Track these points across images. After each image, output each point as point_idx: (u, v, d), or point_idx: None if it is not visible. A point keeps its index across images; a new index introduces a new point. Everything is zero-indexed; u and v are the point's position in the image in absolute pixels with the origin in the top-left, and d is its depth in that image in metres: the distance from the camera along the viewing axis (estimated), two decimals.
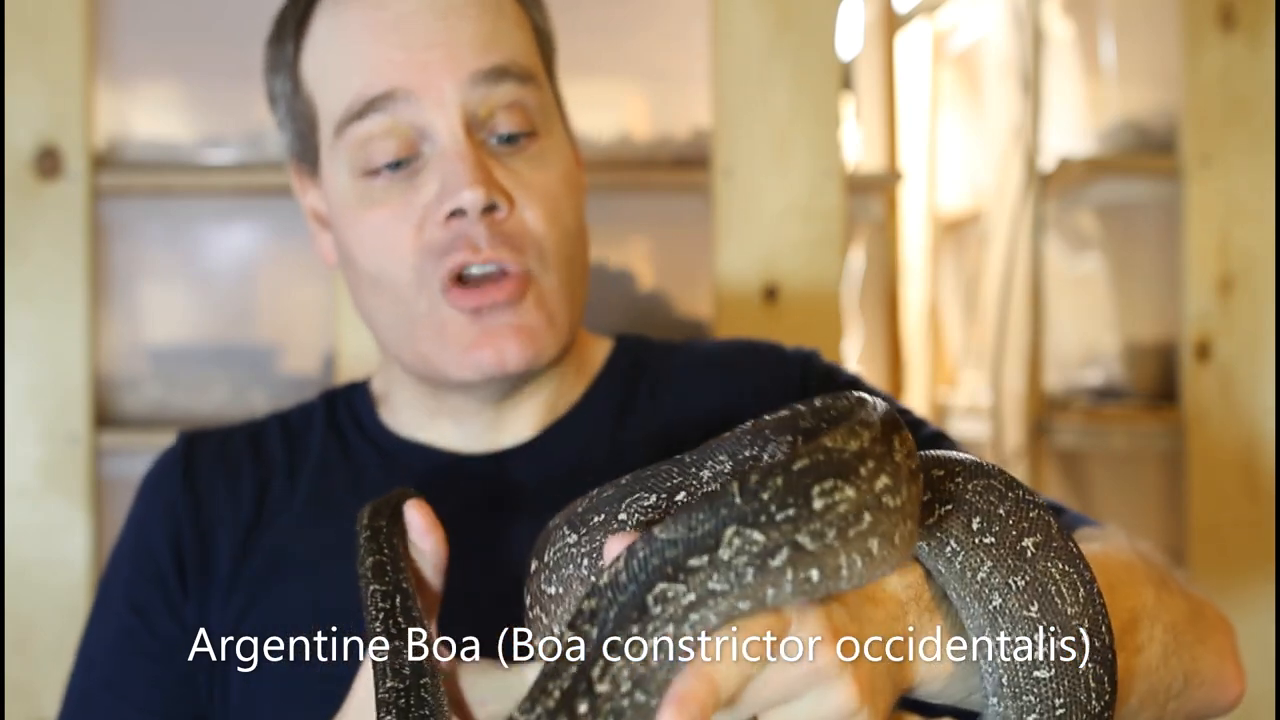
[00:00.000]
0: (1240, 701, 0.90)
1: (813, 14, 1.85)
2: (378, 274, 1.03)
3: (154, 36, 1.91)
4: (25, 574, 1.77)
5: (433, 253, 1.00)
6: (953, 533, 0.71)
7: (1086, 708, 0.70)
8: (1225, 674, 0.88)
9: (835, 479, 0.62)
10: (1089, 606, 0.70)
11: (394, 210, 1.01)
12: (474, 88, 1.00)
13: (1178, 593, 0.85)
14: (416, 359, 1.04)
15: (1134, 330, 2.21)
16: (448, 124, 1.00)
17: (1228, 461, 2.02)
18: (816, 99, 1.85)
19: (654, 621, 0.60)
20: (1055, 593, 0.69)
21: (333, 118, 1.03)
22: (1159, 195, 2.09)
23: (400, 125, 1.00)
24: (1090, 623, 0.70)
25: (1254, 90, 2.02)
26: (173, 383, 1.90)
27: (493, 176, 1.00)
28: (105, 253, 1.86)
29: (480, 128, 1.01)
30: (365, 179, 1.02)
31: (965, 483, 0.72)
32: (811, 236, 1.84)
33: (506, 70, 1.02)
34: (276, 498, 1.09)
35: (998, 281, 2.35)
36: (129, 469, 1.73)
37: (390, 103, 1.00)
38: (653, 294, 1.95)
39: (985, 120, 2.54)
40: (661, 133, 1.93)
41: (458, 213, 0.99)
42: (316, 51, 1.05)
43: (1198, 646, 0.84)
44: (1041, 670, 0.69)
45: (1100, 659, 0.70)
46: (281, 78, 1.08)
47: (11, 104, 1.80)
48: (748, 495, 0.61)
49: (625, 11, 1.91)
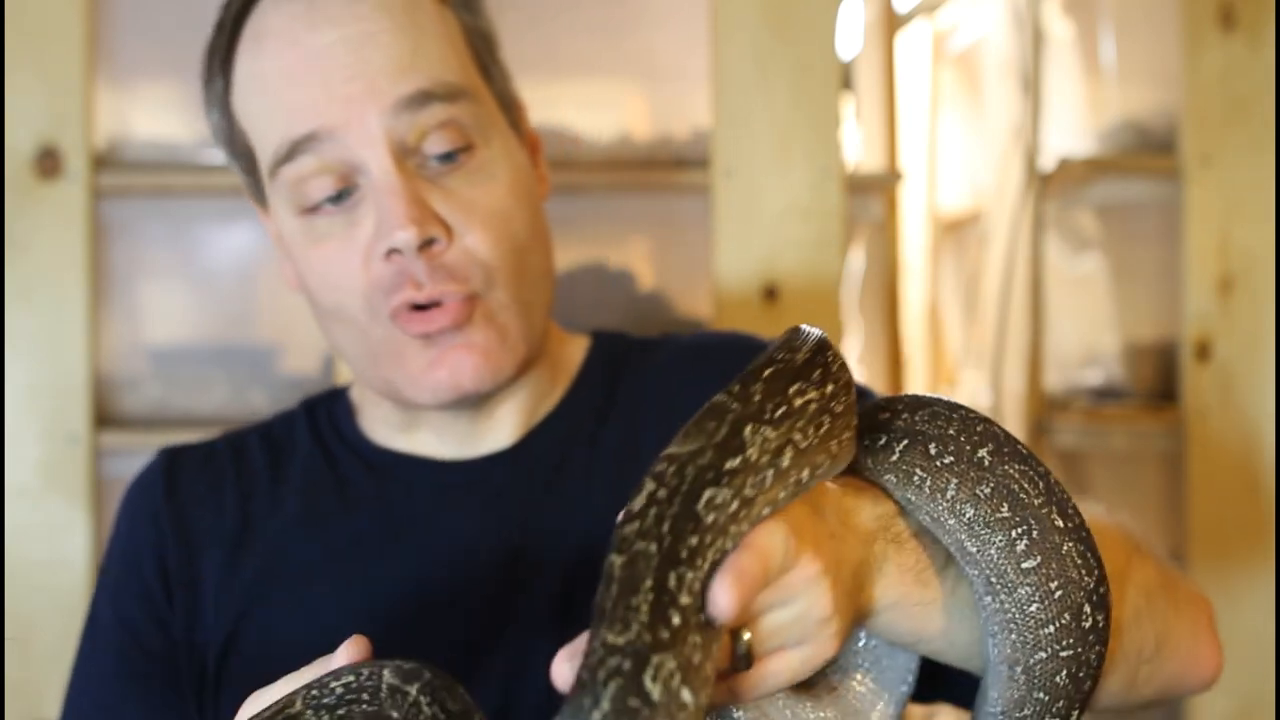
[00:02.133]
0: (1216, 679, 0.88)
1: (813, 14, 1.85)
2: (333, 306, 1.03)
3: (154, 36, 1.91)
4: (25, 574, 1.77)
5: (380, 287, 1.00)
6: (915, 462, 0.75)
7: (1080, 584, 0.73)
8: (1200, 648, 0.87)
9: (800, 382, 0.66)
10: (1051, 495, 0.74)
11: (338, 246, 1.01)
12: (397, 116, 0.99)
13: (1151, 561, 0.85)
14: (382, 384, 1.05)
15: (1134, 330, 2.21)
16: (376, 158, 0.98)
17: (1228, 461, 2.02)
18: (816, 99, 1.85)
19: (710, 532, 0.61)
20: (1019, 490, 0.74)
21: (266, 160, 1.03)
22: (1159, 195, 2.09)
23: (329, 163, 0.99)
24: (1057, 507, 0.74)
25: (1254, 90, 2.02)
26: (173, 383, 1.90)
27: (427, 209, 0.98)
28: (105, 253, 1.86)
29: (411, 154, 1.00)
30: (307, 216, 1.02)
31: (912, 415, 0.76)
32: (811, 236, 1.84)
33: (430, 94, 1.00)
34: (261, 509, 1.08)
35: (998, 281, 2.35)
36: (129, 469, 1.73)
37: (315, 143, 0.99)
38: (653, 294, 1.95)
39: (985, 120, 2.54)
40: (661, 133, 1.93)
41: (395, 251, 0.98)
42: (242, 91, 1.04)
43: (1171, 613, 0.83)
44: (1028, 560, 0.73)
45: (1076, 536, 0.73)
46: (217, 114, 1.07)
47: (11, 104, 1.80)
48: (746, 398, 0.64)
49: (625, 11, 1.91)
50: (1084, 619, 0.72)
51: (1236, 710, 1.99)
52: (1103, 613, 0.73)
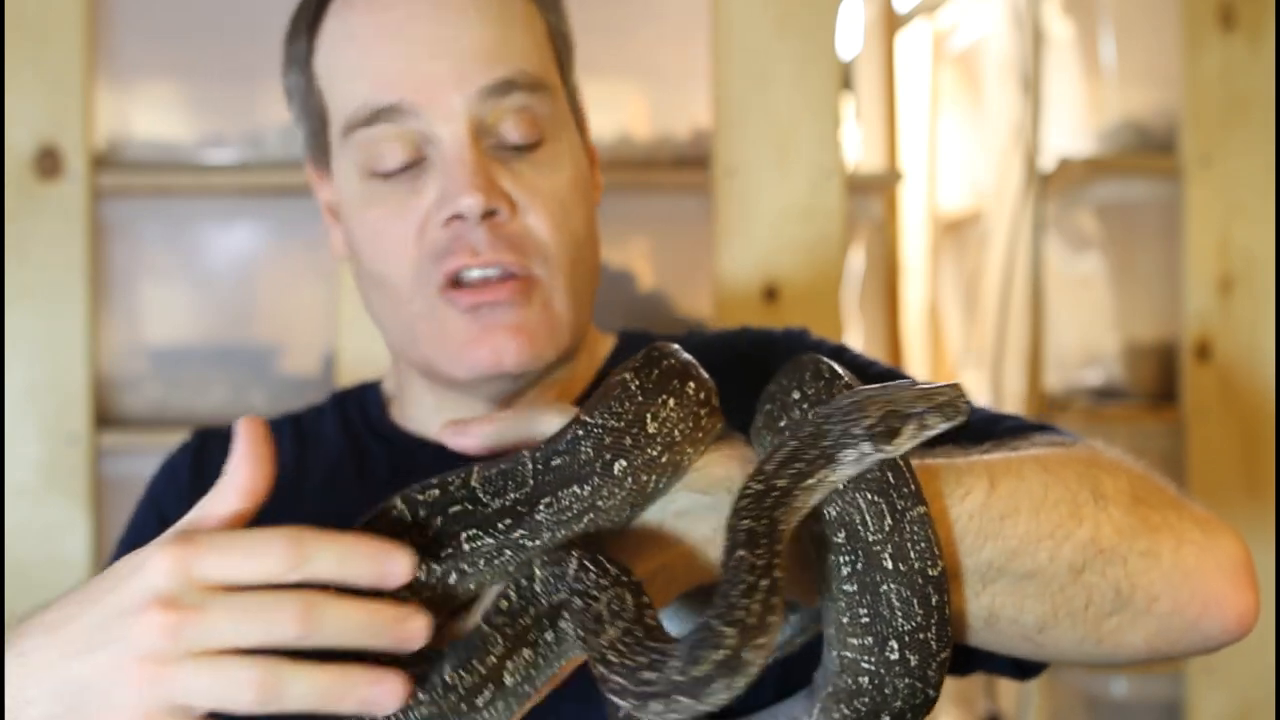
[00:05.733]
0: (1248, 621, 0.84)
1: (813, 14, 1.85)
2: (380, 273, 1.03)
3: (154, 36, 1.91)
4: (25, 574, 1.77)
5: (432, 255, 1.01)
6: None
7: (890, 622, 0.74)
8: (1211, 588, 0.81)
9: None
10: (895, 533, 0.74)
11: (396, 211, 1.02)
12: (481, 102, 1.01)
13: (1124, 507, 0.81)
14: (418, 358, 1.05)
15: (1134, 330, 2.21)
16: (453, 133, 1.00)
17: (1228, 461, 2.02)
18: (816, 99, 1.85)
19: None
20: (859, 521, 0.74)
21: (341, 119, 1.04)
22: (1159, 195, 2.09)
23: (407, 133, 1.01)
24: (894, 548, 0.74)
25: (1254, 90, 2.02)
26: (173, 383, 1.90)
27: (494, 182, 1.00)
28: (105, 253, 1.86)
29: (487, 134, 1.02)
30: (371, 179, 1.03)
31: (813, 411, 0.77)
32: (811, 236, 1.84)
33: (514, 83, 1.01)
34: (286, 496, 1.09)
35: (998, 281, 2.35)
36: (129, 469, 1.73)
37: (397, 115, 1.00)
38: (653, 294, 1.95)
39: (985, 120, 2.54)
40: (661, 133, 1.93)
41: (456, 217, 1.00)
42: (327, 51, 1.05)
43: (1140, 561, 0.79)
44: (848, 584, 0.74)
45: (904, 581, 0.74)
46: (295, 74, 1.09)
47: (11, 104, 1.80)
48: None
49: (625, 11, 1.91)
50: (889, 651, 0.73)
51: (1236, 710, 1.99)
52: (916, 653, 0.73)
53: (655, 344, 0.78)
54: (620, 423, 0.73)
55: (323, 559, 0.68)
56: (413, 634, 0.69)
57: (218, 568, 0.68)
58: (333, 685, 0.67)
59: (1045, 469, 0.81)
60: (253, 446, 0.73)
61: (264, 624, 0.67)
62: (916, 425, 0.72)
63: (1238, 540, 0.85)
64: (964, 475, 0.78)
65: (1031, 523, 0.78)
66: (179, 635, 0.67)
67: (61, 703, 0.70)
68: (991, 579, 0.77)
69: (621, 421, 0.73)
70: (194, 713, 0.68)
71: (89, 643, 0.69)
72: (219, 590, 0.68)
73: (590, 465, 0.73)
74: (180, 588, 0.68)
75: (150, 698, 0.67)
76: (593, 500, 0.73)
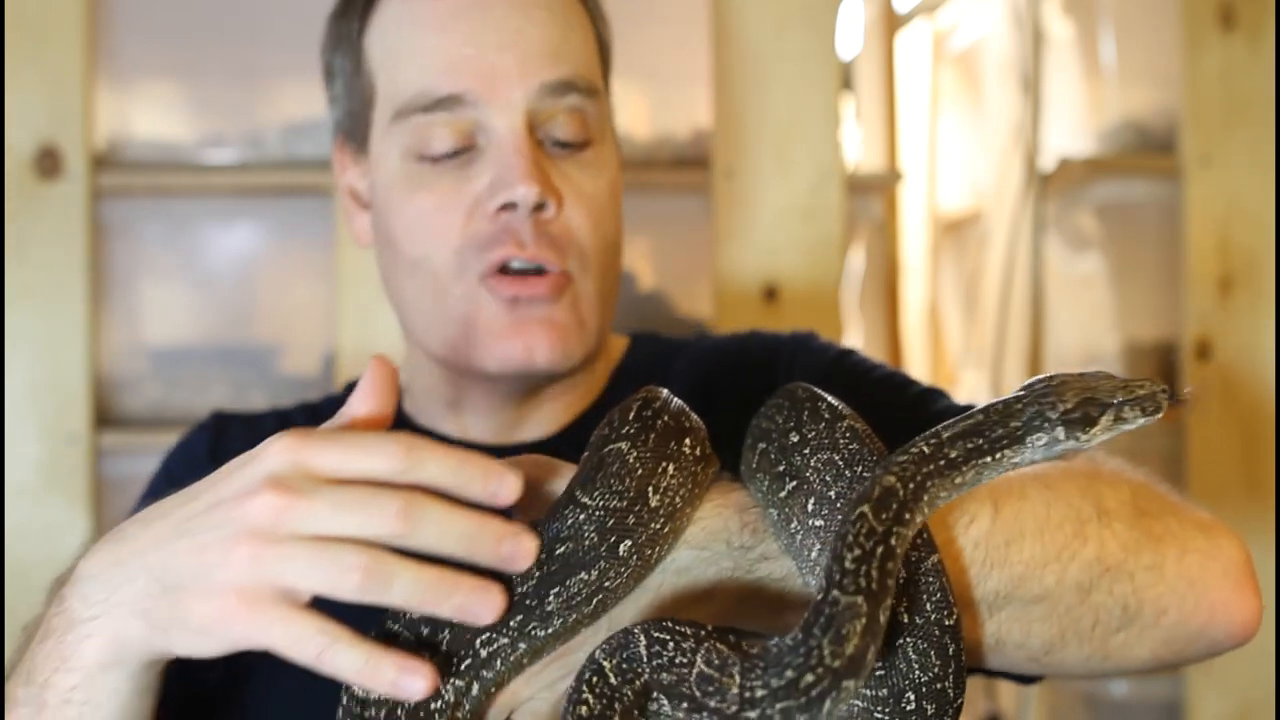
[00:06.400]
0: (1252, 627, 0.82)
1: (813, 14, 1.85)
2: (418, 258, 1.03)
3: (154, 36, 1.91)
4: (25, 574, 1.77)
5: (477, 243, 1.01)
6: (794, 511, 0.73)
7: None
8: (1217, 596, 0.81)
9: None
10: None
11: (444, 197, 1.02)
12: (540, 98, 1.01)
13: (1127, 520, 0.80)
14: (444, 346, 1.04)
15: (1134, 330, 2.20)
16: (509, 124, 1.01)
17: (1228, 461, 2.02)
18: (816, 99, 1.85)
19: None
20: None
21: (393, 102, 1.03)
22: (1159, 195, 2.09)
23: (462, 122, 1.01)
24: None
25: (1254, 90, 2.02)
26: (173, 383, 1.90)
27: (546, 175, 1.01)
28: (105, 253, 1.86)
29: (539, 129, 1.02)
30: (418, 163, 1.03)
31: (811, 459, 0.74)
32: (811, 236, 1.84)
33: (573, 84, 1.03)
34: None
35: (998, 281, 2.35)
36: (129, 469, 1.74)
37: (457, 105, 1.01)
38: (653, 294, 1.95)
39: (985, 120, 2.54)
40: (661, 133, 1.93)
41: (508, 206, 1.00)
42: (383, 33, 1.05)
43: (1146, 575, 0.78)
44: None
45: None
46: (341, 54, 1.08)
47: (11, 104, 1.80)
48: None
49: (625, 11, 1.90)
50: (905, 703, 0.71)
51: (1237, 710, 1.99)
52: (932, 703, 0.71)
53: (645, 397, 0.75)
54: (623, 501, 0.70)
55: (435, 465, 0.68)
56: (520, 552, 0.68)
57: (331, 460, 0.68)
58: (437, 583, 0.66)
59: (1048, 487, 0.79)
60: (377, 383, 0.74)
61: (365, 515, 0.66)
62: (1113, 416, 0.70)
63: (1239, 543, 0.84)
64: (967, 500, 0.76)
65: (1037, 546, 0.76)
66: (284, 517, 0.66)
67: (162, 581, 0.69)
68: (999, 606, 0.76)
69: (624, 500, 0.70)
70: (296, 596, 0.67)
71: (198, 524, 0.69)
72: (330, 482, 0.67)
73: (595, 550, 0.70)
74: (293, 474, 0.68)
75: (252, 576, 0.67)
76: (600, 583, 0.71)
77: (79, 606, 0.72)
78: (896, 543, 0.66)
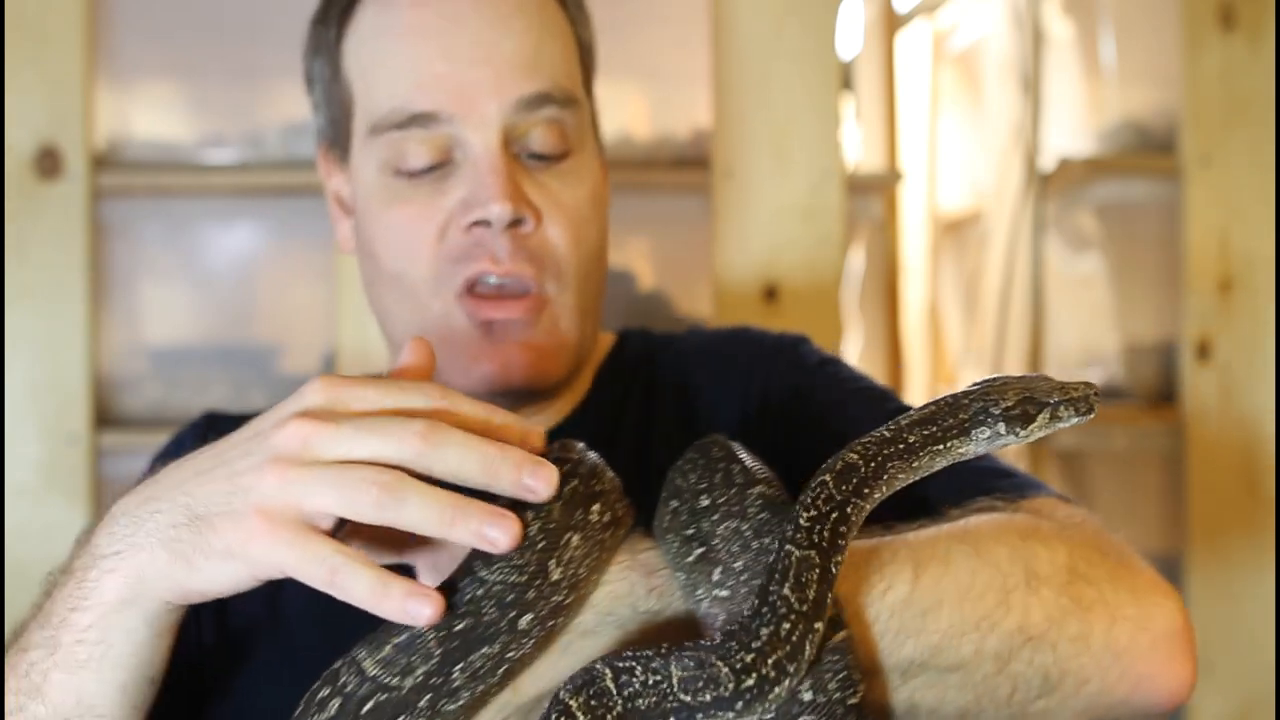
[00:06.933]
0: (1181, 693, 0.81)
1: (813, 14, 1.85)
2: (396, 271, 1.03)
3: (154, 36, 1.91)
4: (25, 574, 1.77)
5: (451, 258, 1.00)
6: (701, 572, 0.73)
7: None
8: (1144, 665, 0.79)
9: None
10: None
11: (418, 211, 1.01)
12: (515, 112, 1.00)
13: (1057, 586, 0.78)
14: None
15: (1134, 330, 2.20)
16: (484, 140, 1.00)
17: (1228, 461, 2.02)
18: (816, 99, 1.85)
19: None
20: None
21: (369, 116, 1.03)
22: (1159, 195, 2.09)
23: (438, 138, 1.00)
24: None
25: (1254, 90, 2.02)
26: (173, 383, 1.90)
27: (522, 191, 1.00)
28: (105, 253, 1.86)
29: (515, 142, 1.01)
30: (394, 177, 1.02)
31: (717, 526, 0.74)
32: (811, 236, 1.84)
33: (549, 96, 1.01)
34: None
35: (998, 281, 2.35)
36: (129, 469, 1.73)
37: (433, 121, 1.00)
38: (653, 294, 1.95)
39: (985, 120, 2.54)
40: (661, 133, 1.93)
41: (481, 223, 0.99)
42: (359, 43, 1.04)
43: (1070, 646, 0.77)
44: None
45: None
46: (321, 61, 1.08)
47: (11, 104, 1.80)
48: None
49: (625, 11, 1.91)
50: None
51: (1236, 710, 1.99)
52: None
53: (558, 457, 0.73)
54: (522, 576, 0.68)
55: (468, 408, 0.71)
56: (540, 482, 0.69)
57: (367, 399, 0.71)
58: (450, 508, 0.67)
59: (976, 551, 0.78)
60: (418, 350, 0.77)
61: (385, 435, 0.68)
62: (1049, 415, 0.74)
63: (1175, 608, 0.82)
64: (886, 565, 0.75)
65: (956, 615, 0.75)
66: (311, 441, 0.68)
67: (190, 509, 0.70)
68: (912, 675, 0.75)
69: (524, 575, 0.68)
70: (316, 521, 0.68)
71: (234, 454, 0.71)
72: (360, 415, 0.70)
73: (495, 626, 0.68)
74: (325, 407, 0.70)
75: (278, 497, 0.68)
76: (502, 654, 0.69)
77: (105, 543, 0.73)
78: (853, 512, 0.68)
